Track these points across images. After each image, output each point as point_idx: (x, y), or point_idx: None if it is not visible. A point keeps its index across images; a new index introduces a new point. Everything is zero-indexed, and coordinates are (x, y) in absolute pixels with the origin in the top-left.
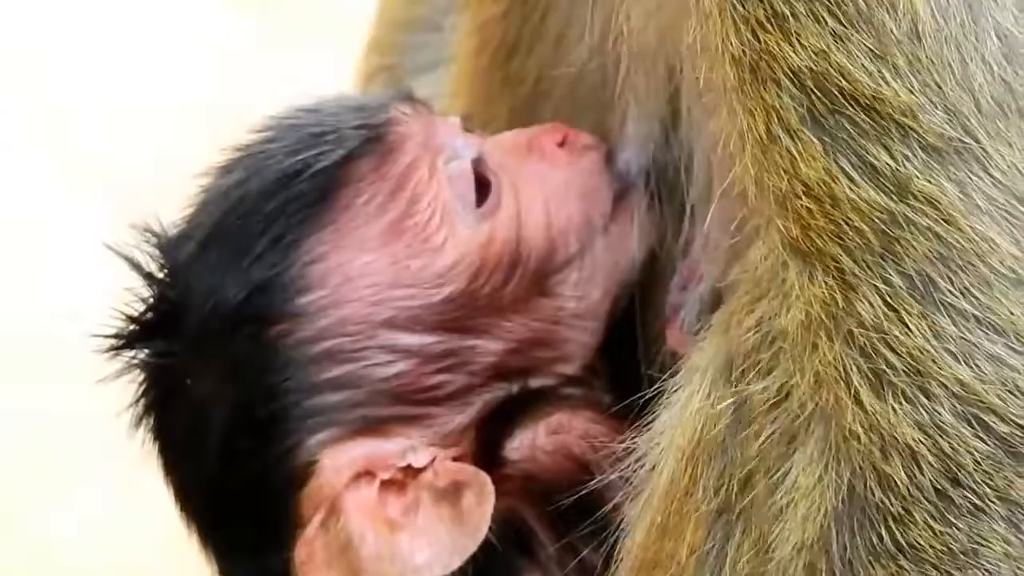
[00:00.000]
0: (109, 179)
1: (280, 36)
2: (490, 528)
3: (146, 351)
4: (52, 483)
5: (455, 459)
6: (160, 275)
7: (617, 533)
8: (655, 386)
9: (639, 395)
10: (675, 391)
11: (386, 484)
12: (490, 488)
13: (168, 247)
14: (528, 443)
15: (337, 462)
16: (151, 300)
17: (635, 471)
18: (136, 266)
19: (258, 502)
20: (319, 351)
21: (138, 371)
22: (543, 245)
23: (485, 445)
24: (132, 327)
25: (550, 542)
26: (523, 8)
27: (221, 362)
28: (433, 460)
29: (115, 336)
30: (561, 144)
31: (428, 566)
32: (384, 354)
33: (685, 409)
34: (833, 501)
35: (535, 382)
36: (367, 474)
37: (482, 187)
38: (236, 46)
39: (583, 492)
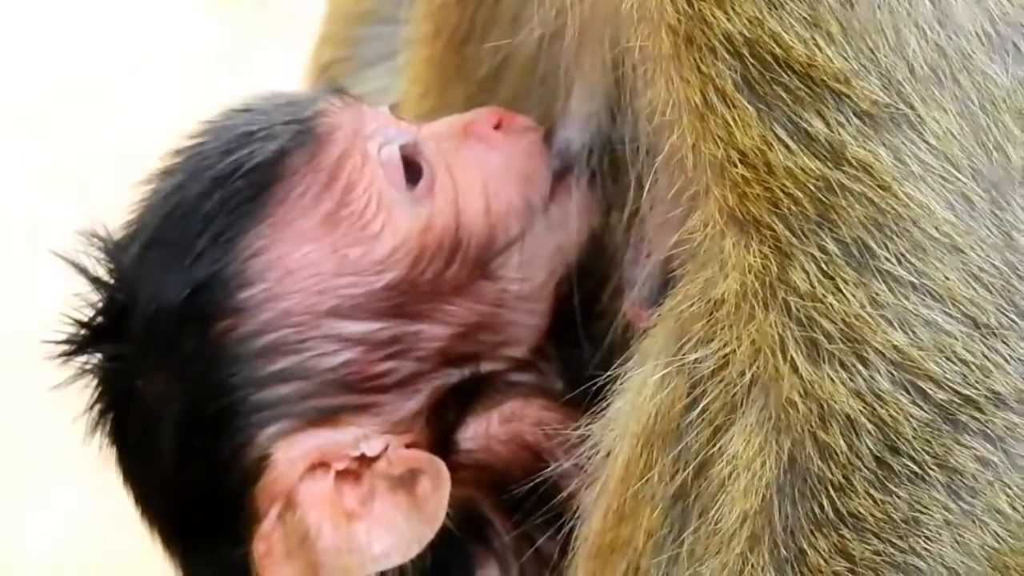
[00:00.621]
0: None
1: (247, 34)
2: (447, 515)
3: (97, 355)
4: (27, 482)
5: (408, 446)
6: (107, 279)
7: (573, 520)
8: (608, 372)
9: (592, 382)
10: (628, 377)
11: (341, 474)
12: (445, 474)
13: (114, 251)
14: (481, 432)
15: (290, 455)
16: (99, 304)
17: (590, 458)
18: (84, 271)
19: (215, 499)
20: (264, 344)
21: (91, 376)
22: (483, 229)
23: (438, 433)
24: (82, 332)
25: (506, 531)
26: None
27: (169, 362)
28: (386, 448)
29: (66, 342)
30: (497, 127)
31: (387, 555)
32: (329, 344)
33: (639, 394)
34: (774, 471)
35: (484, 367)
36: (321, 465)
37: (414, 171)
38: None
39: (538, 480)
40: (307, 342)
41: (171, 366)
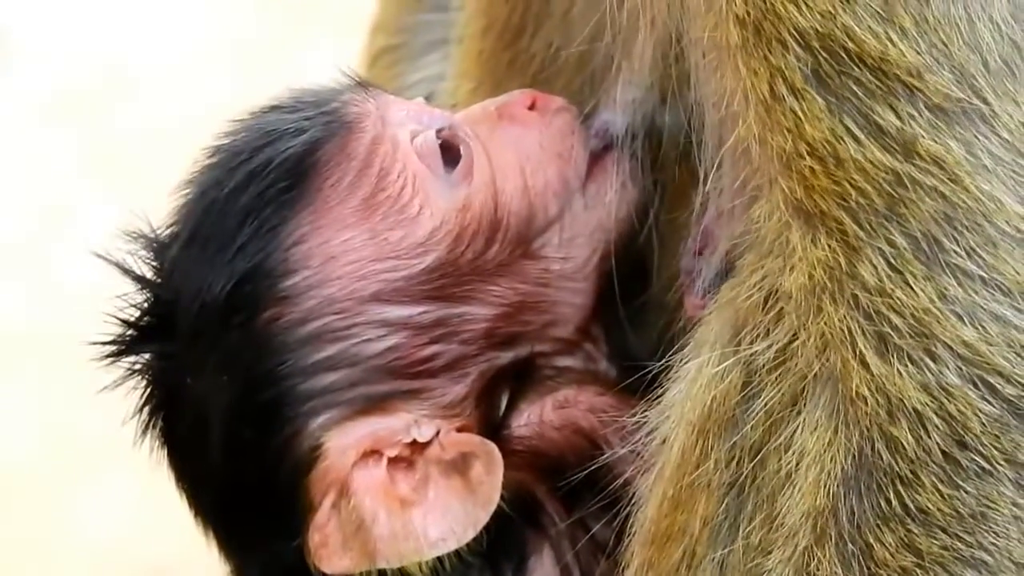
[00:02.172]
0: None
1: (300, 21)
2: (501, 498)
3: (145, 355)
4: (80, 470)
5: (459, 430)
6: (151, 278)
7: (629, 507)
8: (663, 360)
9: (647, 369)
10: (684, 364)
11: (394, 461)
12: (498, 456)
13: (156, 250)
14: (535, 418)
15: (342, 443)
16: (144, 304)
17: (646, 445)
18: (128, 271)
19: (267, 492)
20: (310, 332)
21: (139, 376)
22: (522, 207)
23: (488, 417)
24: (129, 332)
25: (560, 518)
26: None
27: (216, 355)
28: (437, 433)
29: (113, 343)
30: (531, 108)
31: (443, 539)
32: (374, 329)
33: (695, 382)
34: (841, 465)
35: (531, 348)
36: (374, 453)
37: (452, 155)
38: (255, 33)
39: (593, 467)
40: (352, 328)
41: (218, 360)
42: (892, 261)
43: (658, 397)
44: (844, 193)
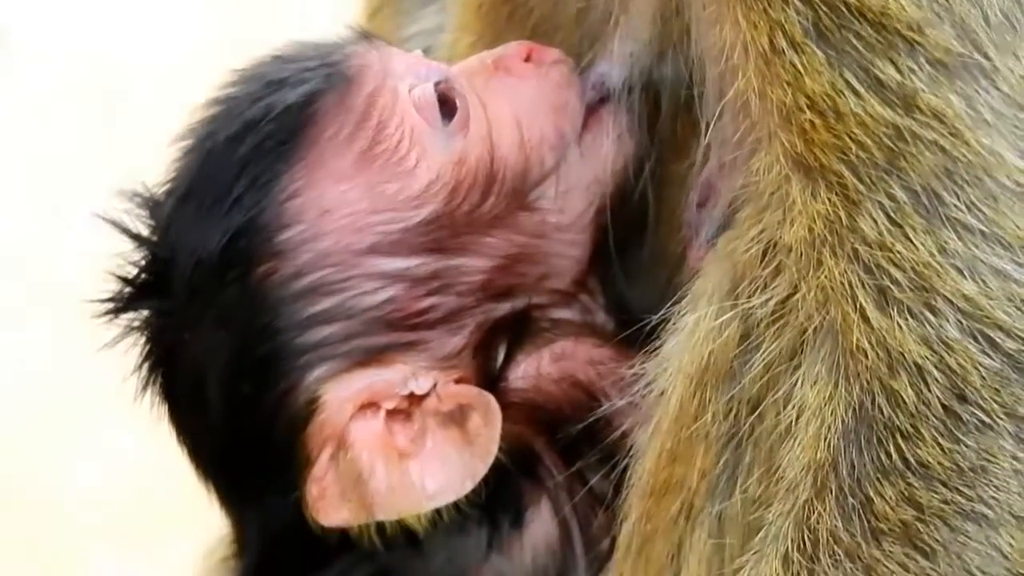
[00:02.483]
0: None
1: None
2: (499, 449)
3: (143, 312)
4: (77, 422)
5: (457, 382)
6: (147, 235)
7: (627, 460)
8: (660, 312)
9: (644, 322)
10: (682, 316)
11: (391, 414)
12: (496, 407)
13: (152, 207)
14: (533, 371)
15: (339, 396)
16: (142, 261)
17: (644, 397)
18: (124, 230)
19: (265, 446)
20: (305, 285)
21: (138, 333)
22: (517, 159)
23: (486, 369)
24: (126, 290)
25: (558, 471)
26: None
27: (213, 311)
28: (435, 385)
29: (111, 300)
30: (527, 60)
31: (441, 491)
32: (371, 281)
33: (692, 334)
34: (842, 419)
35: (527, 300)
36: (371, 405)
37: (449, 108)
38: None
39: (591, 420)
40: (348, 281)
41: (215, 315)
42: (892, 215)
43: (656, 349)
44: (844, 147)
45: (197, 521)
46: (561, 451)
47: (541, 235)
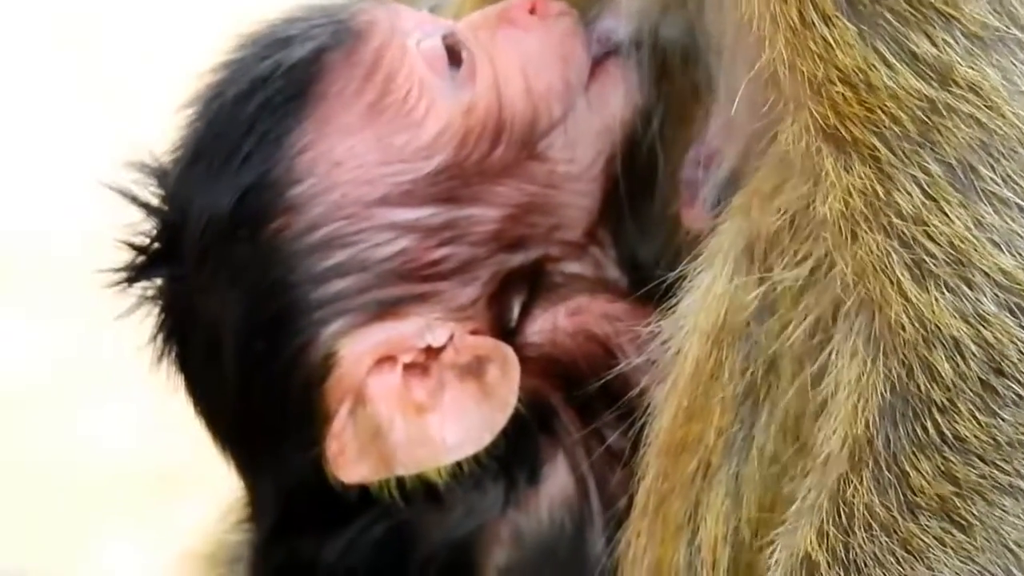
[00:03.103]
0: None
1: None
2: (518, 402)
3: (156, 280)
4: (90, 383)
5: (472, 333)
6: (157, 203)
7: (644, 417)
8: (678, 269)
9: (661, 279)
10: (698, 274)
11: (409, 367)
12: (514, 358)
13: (161, 176)
14: (549, 325)
15: (356, 351)
16: (152, 229)
17: (660, 355)
18: (134, 199)
19: (283, 404)
20: (318, 239)
21: (151, 302)
22: (525, 109)
23: (501, 320)
24: (139, 259)
25: (575, 427)
26: None
27: (225, 271)
28: (451, 337)
29: (124, 269)
30: (532, 12)
31: (460, 444)
32: (383, 233)
33: (708, 292)
34: (881, 392)
35: (539, 250)
36: (388, 359)
37: (456, 60)
38: None
39: (608, 377)
40: (361, 233)
41: (227, 275)
42: (927, 188)
43: (672, 307)
44: (877, 120)
45: (211, 485)
46: (578, 408)
47: (551, 184)
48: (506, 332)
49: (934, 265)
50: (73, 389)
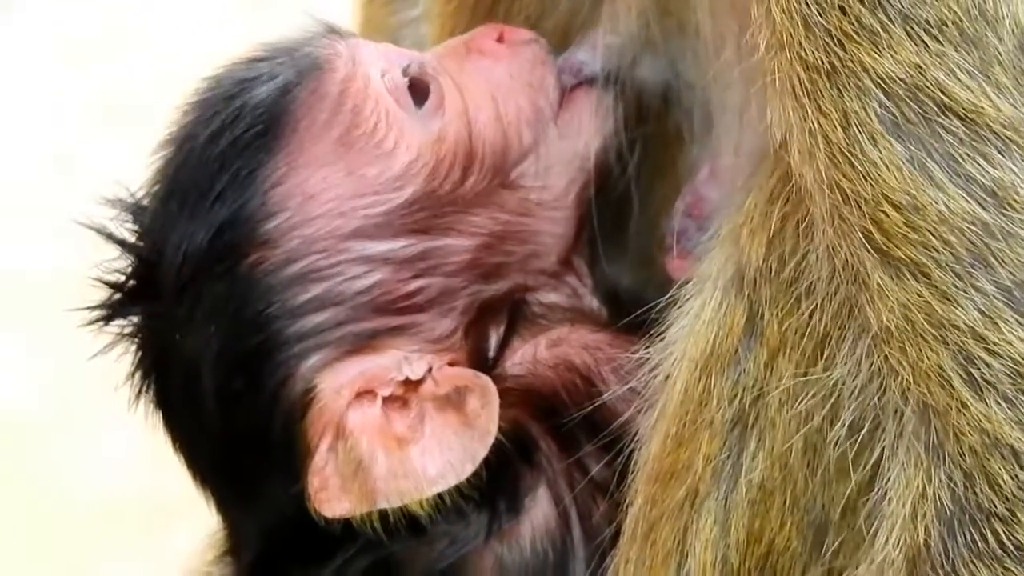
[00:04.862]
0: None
1: None
2: (500, 431)
3: (133, 318)
4: (86, 410)
5: (451, 365)
6: (133, 240)
7: (629, 447)
8: (661, 300)
9: (641, 308)
10: (687, 300)
11: (388, 400)
12: (492, 388)
13: (136, 211)
14: (529, 357)
15: (335, 384)
16: (129, 266)
17: (648, 382)
18: (110, 236)
19: (263, 439)
20: (294, 273)
21: (129, 340)
22: (496, 137)
23: (479, 352)
24: (115, 297)
25: (557, 458)
26: None
27: (203, 307)
28: (430, 369)
29: (101, 307)
30: (499, 40)
31: (442, 475)
32: (358, 266)
33: (697, 319)
34: (939, 499)
35: (514, 280)
36: (367, 393)
37: (422, 90)
38: None
39: (591, 407)
40: (336, 267)
41: (205, 311)
42: (983, 309)
43: (659, 335)
44: (926, 241)
45: (197, 516)
46: (560, 438)
47: (525, 212)
48: (485, 363)
49: (992, 377)
50: (65, 413)
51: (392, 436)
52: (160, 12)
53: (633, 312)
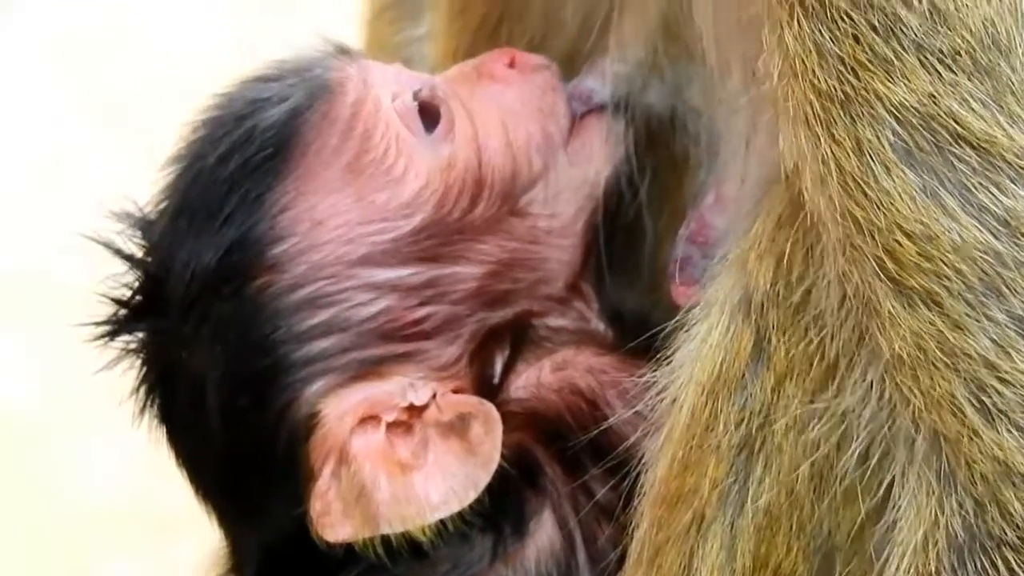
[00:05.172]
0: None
1: None
2: (502, 458)
3: (139, 333)
4: (87, 421)
5: (455, 391)
6: (140, 256)
7: (635, 471)
8: (672, 321)
9: (649, 332)
10: (694, 324)
11: (392, 426)
12: (496, 416)
13: (144, 227)
14: (533, 380)
15: (339, 410)
16: (136, 282)
17: (655, 406)
18: (117, 251)
19: (266, 462)
20: (301, 298)
21: (134, 355)
22: (506, 164)
23: (484, 378)
24: (121, 312)
25: (562, 481)
26: None
27: (209, 327)
28: (434, 395)
29: (106, 323)
30: (510, 66)
31: (445, 502)
32: (365, 292)
33: (704, 343)
34: (950, 528)
35: (521, 307)
36: (371, 418)
37: (432, 115)
38: None
39: (596, 431)
40: (343, 292)
41: (211, 331)
42: (995, 338)
43: (666, 358)
44: (938, 271)
45: (199, 528)
46: (565, 462)
47: (533, 240)
48: (490, 388)
49: (1004, 405)
50: (65, 424)
51: (395, 462)
52: (161, 14)
53: (640, 335)
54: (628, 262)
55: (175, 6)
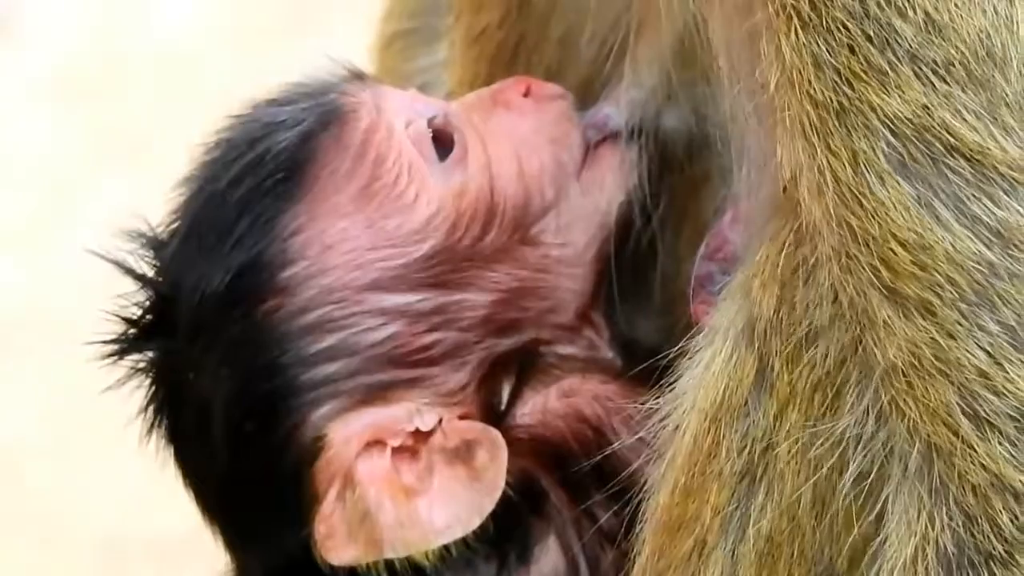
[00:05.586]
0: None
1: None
2: (506, 484)
3: (147, 353)
4: (89, 446)
5: (461, 417)
6: (150, 275)
7: (638, 497)
8: (677, 347)
9: (656, 358)
10: (698, 351)
11: (397, 451)
12: (501, 442)
13: (155, 247)
14: (539, 407)
15: (345, 434)
16: (145, 302)
17: (658, 432)
18: (128, 270)
19: (272, 484)
20: (309, 322)
21: (142, 375)
22: (518, 192)
23: (491, 405)
24: (130, 331)
25: (566, 507)
26: (522, 13)
27: (218, 349)
28: (440, 421)
29: (115, 342)
30: (526, 95)
31: (449, 527)
32: (373, 318)
33: (708, 370)
34: (939, 541)
35: (530, 334)
36: (377, 443)
37: (446, 142)
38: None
39: (600, 457)
40: (351, 317)
41: (219, 353)
42: (987, 348)
43: (670, 385)
44: (932, 281)
45: (205, 554)
46: (570, 489)
47: (544, 269)
48: (496, 414)
49: (996, 417)
50: (67, 448)
51: (400, 487)
52: (161, 41)
53: (648, 361)
54: (640, 288)
55: (184, 30)
